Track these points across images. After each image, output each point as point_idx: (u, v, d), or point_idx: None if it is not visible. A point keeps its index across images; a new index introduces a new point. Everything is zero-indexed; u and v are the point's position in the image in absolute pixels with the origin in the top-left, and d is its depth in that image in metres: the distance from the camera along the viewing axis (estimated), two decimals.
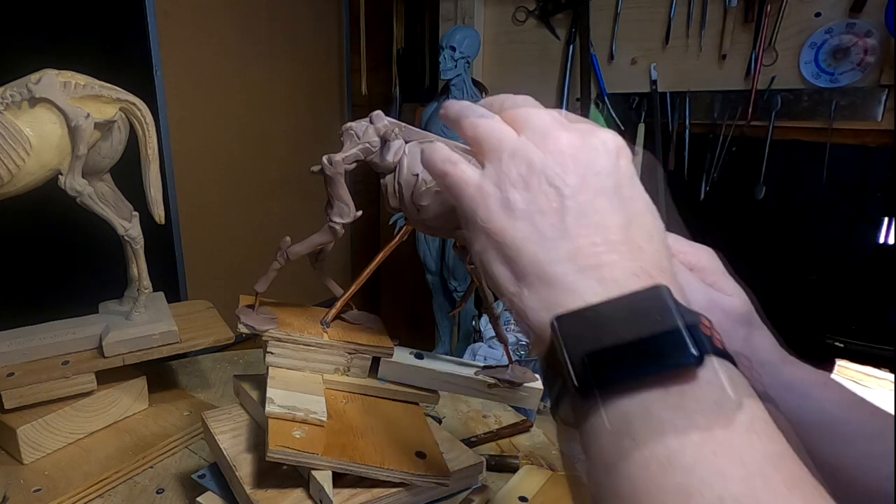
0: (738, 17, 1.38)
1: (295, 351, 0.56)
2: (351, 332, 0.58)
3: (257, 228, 1.95)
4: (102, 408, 0.75)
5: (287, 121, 1.97)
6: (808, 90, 1.32)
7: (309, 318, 0.59)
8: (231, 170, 1.86)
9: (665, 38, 1.48)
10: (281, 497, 0.51)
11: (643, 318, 0.25)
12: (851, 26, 1.25)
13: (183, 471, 0.71)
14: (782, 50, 1.34)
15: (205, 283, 1.81)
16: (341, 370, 0.58)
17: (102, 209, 0.72)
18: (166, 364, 0.94)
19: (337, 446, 0.51)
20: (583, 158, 0.29)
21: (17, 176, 0.66)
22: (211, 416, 0.60)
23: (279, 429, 0.50)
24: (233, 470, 0.53)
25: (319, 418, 0.51)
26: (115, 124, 0.71)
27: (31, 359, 0.71)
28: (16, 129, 0.64)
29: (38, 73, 0.66)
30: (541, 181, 0.28)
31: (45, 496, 0.64)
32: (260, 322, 0.55)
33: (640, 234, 0.28)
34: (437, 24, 1.82)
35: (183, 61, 1.65)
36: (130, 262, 0.78)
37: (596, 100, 1.59)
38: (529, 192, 0.28)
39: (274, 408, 0.50)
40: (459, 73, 1.56)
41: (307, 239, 0.54)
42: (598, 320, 0.25)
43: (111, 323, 0.75)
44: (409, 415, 0.59)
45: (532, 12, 1.67)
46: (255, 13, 1.84)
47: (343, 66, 2.18)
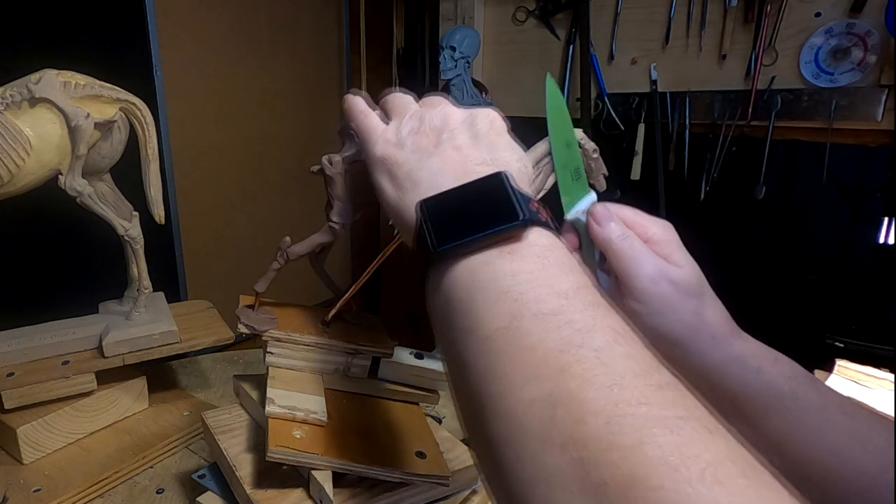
0: (738, 17, 1.38)
1: (295, 351, 0.56)
2: (351, 332, 0.58)
3: (257, 228, 1.95)
4: (102, 408, 0.75)
5: (287, 121, 1.98)
6: (808, 90, 1.32)
7: (309, 318, 0.59)
8: (231, 170, 1.86)
9: (665, 38, 1.48)
10: (281, 497, 0.51)
11: (484, 195, 0.32)
12: (851, 26, 1.25)
13: (183, 471, 0.71)
14: (782, 50, 1.34)
15: (205, 283, 1.81)
16: (341, 370, 0.58)
17: (102, 209, 0.72)
18: (166, 364, 0.94)
19: (337, 446, 0.51)
20: (458, 117, 0.38)
21: (18, 176, 0.66)
22: (211, 416, 0.60)
23: (279, 429, 0.50)
24: (233, 470, 0.53)
25: (319, 418, 0.51)
26: (115, 124, 0.71)
27: (31, 359, 0.71)
28: (16, 129, 0.64)
29: (38, 73, 0.66)
30: (425, 128, 0.37)
31: (45, 496, 0.64)
32: (260, 322, 0.55)
33: (496, 158, 0.35)
34: (437, 24, 1.82)
35: (183, 61, 1.66)
36: (130, 262, 0.78)
37: (597, 99, 1.59)
38: (417, 134, 0.37)
39: (274, 408, 0.50)
40: (459, 73, 1.56)
41: (307, 239, 0.54)
42: (451, 200, 0.33)
43: (111, 323, 0.75)
44: (409, 415, 0.59)
45: (532, 12, 1.67)
46: (255, 13, 1.84)
47: (343, 66, 2.18)
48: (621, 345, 0.26)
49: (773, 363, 0.41)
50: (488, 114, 0.38)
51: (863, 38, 1.24)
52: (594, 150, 0.53)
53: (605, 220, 0.42)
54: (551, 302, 0.28)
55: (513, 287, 0.29)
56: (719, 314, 0.42)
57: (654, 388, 0.24)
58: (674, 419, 0.22)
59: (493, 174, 0.33)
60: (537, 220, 0.31)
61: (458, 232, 0.31)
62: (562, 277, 0.29)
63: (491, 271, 0.30)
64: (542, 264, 0.30)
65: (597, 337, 0.26)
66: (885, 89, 1.23)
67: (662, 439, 0.22)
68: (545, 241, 0.31)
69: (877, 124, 1.26)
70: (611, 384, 0.24)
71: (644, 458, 0.21)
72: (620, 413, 0.23)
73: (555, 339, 0.26)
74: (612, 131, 1.57)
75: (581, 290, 0.29)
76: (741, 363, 0.41)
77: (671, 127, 1.49)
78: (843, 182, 1.50)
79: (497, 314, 0.28)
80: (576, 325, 0.27)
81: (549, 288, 0.29)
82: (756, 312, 1.54)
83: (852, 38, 1.25)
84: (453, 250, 0.31)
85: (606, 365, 0.25)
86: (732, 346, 0.41)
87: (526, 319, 0.27)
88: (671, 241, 0.43)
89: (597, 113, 1.59)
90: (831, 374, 0.83)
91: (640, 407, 0.23)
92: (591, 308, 0.28)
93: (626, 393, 0.24)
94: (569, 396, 0.24)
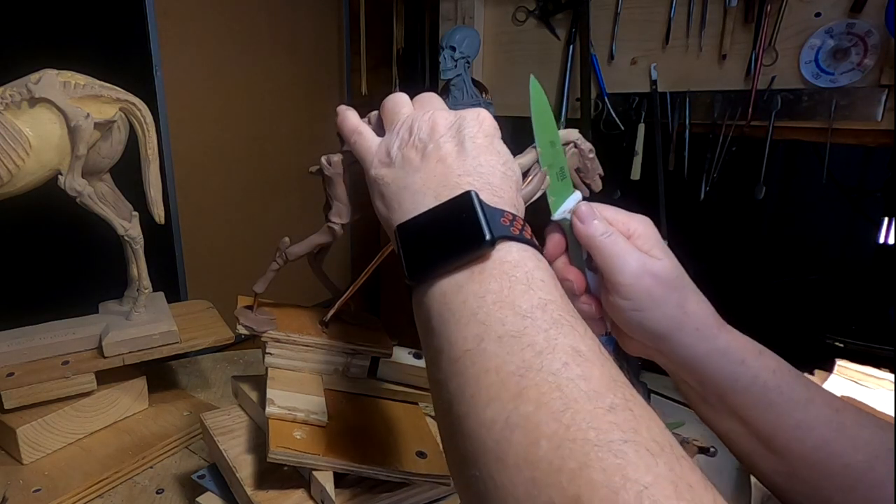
0: (738, 17, 1.38)
1: (294, 352, 0.56)
2: (350, 332, 0.58)
3: (257, 228, 1.95)
4: (102, 408, 0.75)
5: (287, 121, 1.97)
6: (808, 90, 1.32)
7: (308, 318, 0.59)
8: (231, 170, 1.86)
9: (665, 38, 1.48)
10: (282, 498, 0.51)
11: (454, 217, 0.33)
12: (851, 26, 1.25)
13: (183, 471, 0.71)
14: (782, 50, 1.34)
15: (205, 283, 1.81)
16: (340, 371, 0.58)
17: (102, 209, 0.72)
18: (166, 364, 0.94)
19: (338, 447, 0.51)
20: (445, 123, 0.37)
21: (17, 176, 0.66)
22: (210, 418, 0.60)
23: (280, 430, 0.50)
24: (233, 471, 0.53)
25: (320, 419, 0.51)
26: (115, 124, 0.71)
27: (31, 359, 0.71)
28: (16, 129, 0.64)
29: (38, 73, 0.66)
30: (414, 140, 0.37)
31: (45, 496, 0.64)
32: (259, 323, 0.55)
33: (479, 165, 0.35)
34: (437, 24, 1.82)
35: (183, 61, 1.65)
36: (130, 262, 0.78)
37: (597, 99, 1.58)
38: (405, 147, 0.37)
39: (274, 409, 0.50)
40: (459, 73, 1.56)
41: (306, 239, 0.54)
42: (422, 225, 0.34)
43: (111, 323, 0.75)
44: (408, 415, 0.59)
45: (532, 12, 1.67)
46: (255, 13, 1.84)
47: (343, 66, 2.18)
48: (579, 365, 0.27)
49: (757, 356, 0.42)
50: (477, 116, 0.38)
51: (863, 38, 1.24)
52: (590, 150, 0.53)
53: (588, 218, 0.43)
54: (515, 323, 0.29)
55: (480, 309, 0.30)
56: (703, 306, 0.43)
57: (605, 410, 0.25)
58: (618, 443, 0.24)
59: (463, 194, 0.33)
60: (506, 236, 0.32)
61: (427, 259, 0.33)
62: (527, 295, 0.30)
63: (461, 294, 0.31)
64: (509, 283, 0.30)
65: (555, 359, 0.27)
66: (885, 89, 1.23)
67: (606, 463, 0.23)
68: (514, 255, 0.32)
69: (877, 124, 1.26)
70: (563, 408, 0.25)
71: (588, 481, 0.23)
72: (571, 437, 0.24)
73: (516, 362, 0.27)
74: (612, 131, 1.57)
75: (546, 307, 0.30)
76: (726, 355, 0.41)
77: (671, 127, 1.49)
78: (843, 182, 1.50)
79: (465, 336, 0.30)
80: (536, 346, 0.28)
81: (513, 309, 0.29)
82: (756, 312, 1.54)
83: (852, 38, 1.25)
84: (424, 277, 0.33)
85: (561, 389, 0.26)
86: (718, 339, 0.42)
87: (491, 342, 0.29)
88: (651, 236, 0.44)
89: (597, 113, 1.59)
90: (831, 374, 0.83)
91: (589, 431, 0.24)
92: (553, 327, 0.29)
93: (577, 417, 0.25)
94: (525, 420, 0.26)
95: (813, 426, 0.39)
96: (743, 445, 0.42)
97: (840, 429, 0.39)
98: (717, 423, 0.43)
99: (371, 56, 2.09)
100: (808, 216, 1.77)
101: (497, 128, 0.39)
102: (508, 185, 0.36)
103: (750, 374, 0.41)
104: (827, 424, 0.39)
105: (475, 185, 0.34)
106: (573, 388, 0.26)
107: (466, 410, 0.28)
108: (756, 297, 1.62)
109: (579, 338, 0.29)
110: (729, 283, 1.64)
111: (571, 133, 0.52)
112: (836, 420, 0.39)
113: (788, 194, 1.72)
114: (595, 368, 0.27)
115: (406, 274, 0.34)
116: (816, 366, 0.87)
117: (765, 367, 0.41)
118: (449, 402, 0.29)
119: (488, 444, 0.26)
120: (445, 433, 0.31)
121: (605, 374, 0.27)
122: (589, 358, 0.28)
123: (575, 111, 1.62)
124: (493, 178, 0.35)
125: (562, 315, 0.30)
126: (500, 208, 0.33)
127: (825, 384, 0.81)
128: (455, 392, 0.29)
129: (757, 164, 1.40)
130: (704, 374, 0.42)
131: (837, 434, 0.39)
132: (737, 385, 0.41)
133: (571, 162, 0.52)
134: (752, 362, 0.41)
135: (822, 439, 0.39)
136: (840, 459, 0.38)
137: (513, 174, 0.37)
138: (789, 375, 0.41)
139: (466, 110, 0.39)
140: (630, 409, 0.26)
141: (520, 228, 0.33)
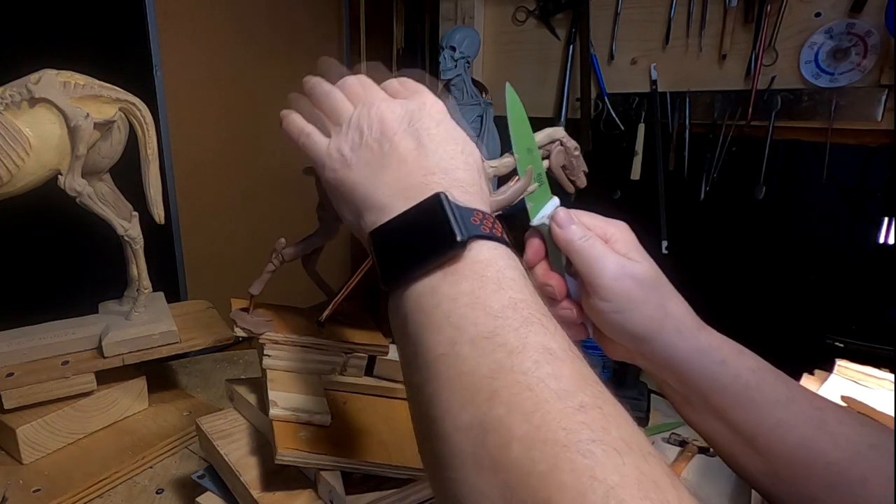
0: (738, 17, 1.38)
1: (292, 352, 0.56)
2: (346, 331, 0.58)
3: (257, 228, 1.95)
4: (102, 408, 0.75)
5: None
6: (808, 90, 1.32)
7: (303, 319, 0.59)
8: (231, 170, 1.86)
9: (665, 38, 1.48)
10: (290, 500, 0.51)
11: (426, 220, 0.32)
12: (851, 26, 1.25)
13: (183, 471, 0.71)
14: (782, 50, 1.34)
15: (205, 283, 1.81)
16: (338, 370, 0.58)
17: (102, 209, 0.72)
18: (166, 364, 0.94)
19: (342, 446, 0.51)
20: (394, 118, 0.37)
21: (17, 176, 0.66)
22: (206, 422, 0.60)
23: (285, 431, 0.50)
24: (236, 476, 0.53)
25: (323, 419, 0.51)
26: (115, 124, 0.71)
27: (31, 359, 0.71)
28: (15, 129, 0.64)
29: (38, 73, 0.65)
30: (367, 139, 0.37)
31: (45, 496, 0.63)
32: (256, 325, 0.55)
33: (441, 159, 0.35)
34: (437, 24, 1.82)
35: (183, 61, 1.65)
36: (130, 262, 0.78)
37: (597, 99, 1.59)
38: (360, 149, 0.37)
39: (278, 410, 0.50)
40: (459, 73, 1.56)
41: (302, 240, 0.54)
42: (395, 230, 0.34)
43: (111, 323, 0.75)
44: (407, 411, 0.59)
45: (532, 12, 1.67)
46: (255, 13, 1.84)
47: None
48: (549, 363, 0.27)
49: (737, 355, 0.42)
50: (424, 104, 0.38)
51: (863, 38, 1.24)
52: (575, 147, 0.54)
53: (566, 223, 0.43)
54: (486, 324, 0.29)
55: (453, 311, 0.30)
56: (682, 307, 0.44)
57: (574, 410, 0.25)
58: (587, 443, 0.24)
59: (433, 196, 0.33)
60: (478, 234, 0.32)
61: (402, 263, 0.33)
62: (498, 295, 0.30)
63: (435, 297, 0.31)
64: (481, 282, 0.31)
65: (526, 358, 0.27)
66: (885, 89, 1.23)
67: (575, 464, 0.23)
68: (486, 254, 0.32)
69: (877, 124, 1.26)
70: (534, 409, 0.25)
71: (557, 482, 0.23)
72: (541, 438, 0.25)
73: (488, 363, 0.28)
74: (612, 131, 1.57)
75: (517, 306, 0.30)
76: (707, 355, 0.42)
77: (671, 127, 1.49)
78: (843, 182, 1.50)
79: (439, 340, 0.30)
80: (507, 346, 0.28)
81: (484, 309, 0.29)
82: (756, 312, 1.54)
83: (852, 38, 1.25)
84: (399, 282, 0.33)
85: (532, 389, 0.26)
86: (698, 339, 0.42)
87: (464, 345, 0.29)
88: (628, 240, 0.45)
89: (597, 113, 1.59)
90: (831, 374, 0.83)
91: (559, 431, 0.25)
92: (524, 326, 0.29)
93: (548, 417, 0.25)
94: (498, 422, 0.26)
95: (794, 424, 0.40)
96: (727, 446, 0.43)
97: (821, 426, 0.39)
98: (701, 425, 0.44)
99: (371, 56, 2.10)
100: (808, 216, 1.77)
101: (445, 111, 0.38)
102: (472, 174, 0.36)
103: (730, 373, 0.41)
104: (808, 422, 0.40)
105: (443, 183, 0.34)
106: (543, 388, 0.26)
107: (442, 414, 0.28)
108: (756, 297, 1.62)
109: (550, 336, 0.29)
110: (729, 282, 1.64)
111: (557, 131, 0.53)
112: (817, 418, 0.40)
113: (788, 194, 1.72)
114: (565, 366, 0.27)
115: (381, 279, 0.34)
116: (816, 366, 0.87)
117: (745, 366, 0.42)
118: (425, 405, 0.30)
119: (464, 447, 0.27)
120: (421, 436, 0.31)
121: (576, 371, 0.28)
122: (559, 356, 0.28)
123: (575, 111, 1.62)
124: (457, 171, 0.35)
125: (532, 313, 0.30)
126: (470, 207, 0.33)
127: (825, 384, 0.81)
128: (431, 396, 0.29)
129: (757, 164, 1.40)
130: (686, 374, 0.42)
131: (819, 432, 0.39)
132: (718, 385, 0.41)
133: (557, 160, 0.53)
134: (733, 362, 0.42)
135: (803, 437, 0.39)
136: (822, 457, 0.38)
137: (472, 158, 0.37)
138: (769, 374, 0.42)
139: (410, 99, 0.38)
140: (599, 408, 0.26)
141: (490, 226, 0.33)
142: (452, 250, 0.31)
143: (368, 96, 0.39)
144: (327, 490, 0.50)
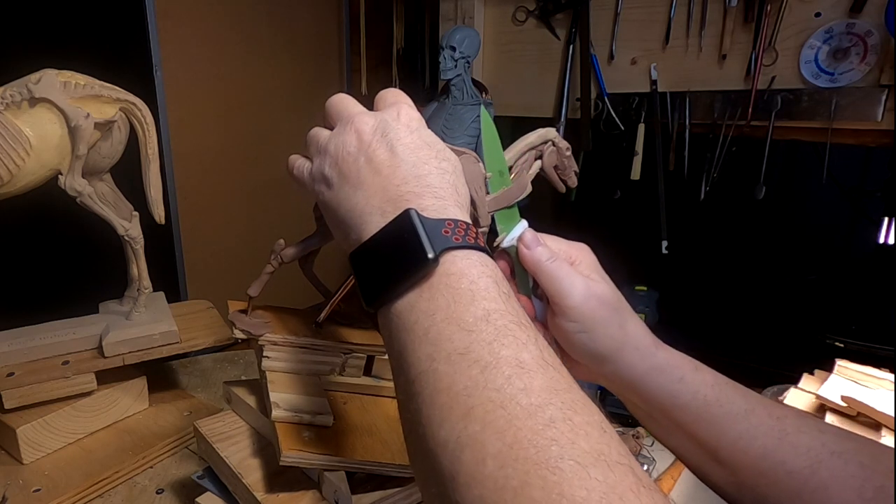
0: (738, 17, 1.38)
1: (291, 354, 0.56)
2: (344, 332, 0.59)
3: (258, 228, 1.95)
4: (102, 408, 0.75)
5: (287, 121, 1.97)
6: (808, 90, 1.32)
7: (301, 320, 0.59)
8: (231, 170, 1.86)
9: (665, 38, 1.48)
10: (294, 501, 0.51)
11: (398, 238, 0.33)
12: (851, 26, 1.24)
13: (183, 471, 0.71)
14: (782, 50, 1.34)
15: (205, 283, 1.80)
16: (337, 371, 0.58)
17: (102, 209, 0.72)
18: (166, 364, 0.94)
19: (344, 446, 0.51)
20: (369, 129, 0.37)
21: (17, 176, 0.66)
22: (205, 425, 0.60)
23: (288, 433, 0.50)
24: (238, 478, 0.53)
25: (326, 419, 0.51)
26: (115, 124, 0.71)
27: (31, 359, 0.71)
28: (16, 129, 0.64)
29: (38, 73, 0.66)
30: (345, 159, 0.37)
31: (45, 496, 0.64)
32: (255, 327, 0.55)
33: (414, 166, 0.36)
34: (437, 24, 1.82)
35: (183, 61, 1.65)
36: (130, 262, 0.78)
37: (597, 99, 1.59)
38: (338, 168, 0.37)
39: (280, 412, 0.50)
40: (459, 73, 1.56)
41: (301, 241, 0.54)
42: (371, 251, 0.34)
43: (111, 323, 0.75)
44: None
45: (532, 12, 1.67)
46: (255, 13, 1.84)
47: (343, 66, 2.18)
48: (521, 378, 0.28)
49: (693, 371, 0.43)
50: (398, 114, 0.38)
51: (863, 38, 1.24)
52: (567, 147, 0.56)
53: (533, 245, 0.44)
54: (461, 340, 0.30)
55: (431, 328, 0.31)
56: (640, 327, 0.45)
57: (544, 425, 0.26)
58: (556, 459, 0.25)
59: (403, 213, 0.33)
60: (450, 246, 0.33)
61: (380, 283, 0.34)
62: (472, 307, 0.31)
63: (413, 314, 0.32)
64: (454, 296, 0.31)
65: (499, 374, 0.28)
66: (885, 89, 1.23)
67: (545, 481, 0.24)
68: (459, 265, 0.32)
69: (877, 124, 1.26)
70: (506, 426, 0.26)
71: (529, 499, 0.24)
72: (514, 456, 0.26)
73: (464, 381, 0.29)
74: (612, 131, 1.57)
75: (489, 318, 0.30)
76: (665, 372, 0.43)
77: (671, 127, 1.49)
78: (843, 182, 1.50)
79: (419, 357, 0.31)
80: (481, 363, 0.29)
81: (458, 324, 0.30)
82: (756, 312, 1.54)
83: (852, 38, 1.25)
84: (381, 302, 0.34)
85: (504, 407, 0.27)
86: (655, 356, 0.44)
87: (441, 362, 0.30)
88: (590, 262, 0.46)
89: (597, 113, 1.58)
90: (831, 374, 0.83)
91: (530, 449, 0.25)
92: (497, 339, 0.30)
93: (519, 435, 0.26)
94: (472, 440, 0.27)
95: (755, 436, 0.40)
96: (692, 459, 0.44)
97: (782, 436, 0.40)
98: (667, 439, 0.45)
99: (371, 56, 2.09)
100: (808, 216, 1.77)
101: (420, 119, 0.39)
102: (446, 177, 0.36)
103: (689, 389, 0.42)
104: (768, 433, 0.40)
105: (415, 191, 0.35)
106: (514, 406, 0.27)
107: (423, 431, 0.29)
108: (756, 297, 1.62)
109: (522, 346, 0.30)
110: (729, 283, 1.64)
111: (549, 132, 0.55)
112: (777, 428, 0.40)
113: (788, 194, 1.72)
114: (536, 379, 0.28)
115: (363, 301, 0.34)
116: (816, 366, 0.87)
117: (703, 381, 0.43)
118: (410, 422, 0.31)
119: (443, 463, 0.28)
120: (409, 450, 0.32)
121: (546, 384, 0.28)
122: (531, 368, 0.29)
123: (575, 111, 1.62)
124: (430, 177, 0.36)
125: (506, 323, 0.30)
126: (440, 218, 0.33)
127: (825, 384, 0.81)
128: (414, 413, 0.30)
129: (757, 164, 1.39)
130: (647, 392, 0.43)
131: (779, 442, 0.40)
132: (678, 401, 0.42)
133: (550, 160, 0.54)
134: (690, 378, 0.43)
135: (764, 448, 0.40)
136: (783, 466, 0.39)
137: (449, 164, 0.37)
138: (727, 388, 0.43)
139: (385, 110, 0.39)
140: (569, 420, 0.26)
141: (462, 234, 0.33)
142: (426, 268, 0.32)
143: (345, 113, 0.40)
144: (332, 490, 0.50)
